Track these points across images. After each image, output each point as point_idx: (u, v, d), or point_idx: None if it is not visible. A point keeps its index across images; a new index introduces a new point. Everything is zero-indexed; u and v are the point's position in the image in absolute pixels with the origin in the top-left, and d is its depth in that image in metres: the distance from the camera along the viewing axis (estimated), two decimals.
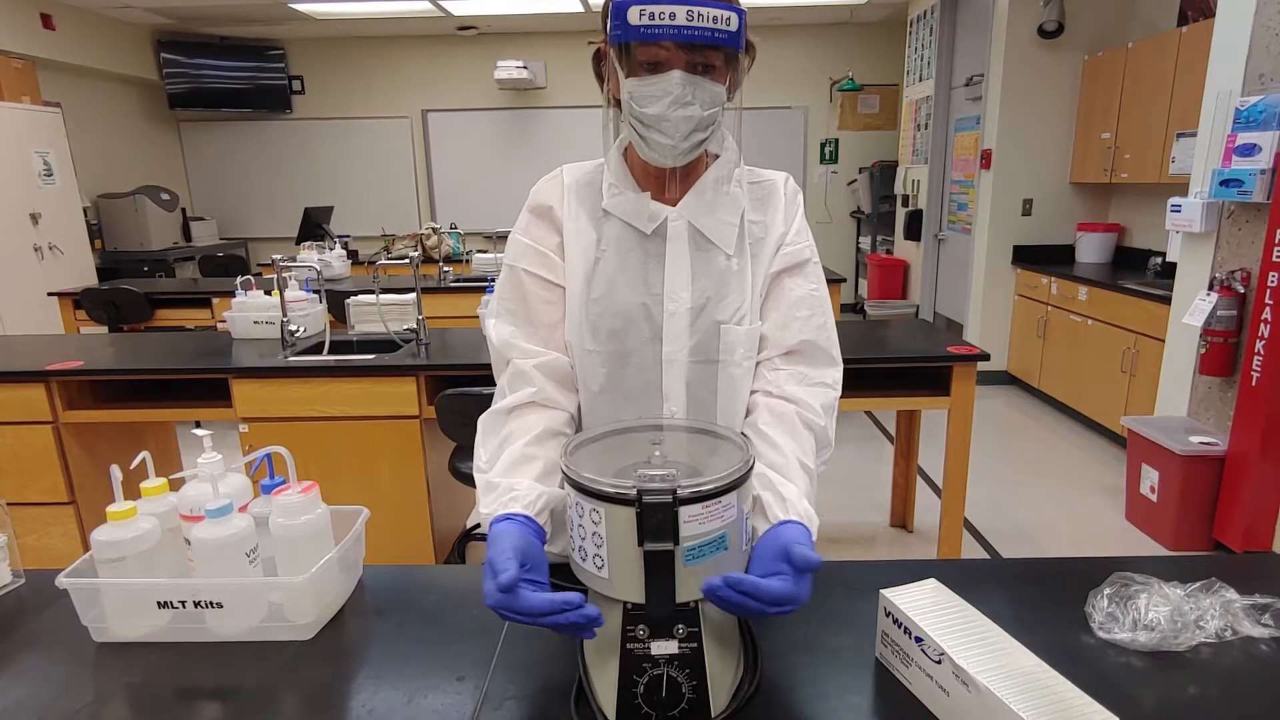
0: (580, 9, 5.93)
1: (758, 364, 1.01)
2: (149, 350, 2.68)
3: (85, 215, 5.55)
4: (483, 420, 0.98)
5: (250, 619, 0.92)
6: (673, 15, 0.82)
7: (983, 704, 0.69)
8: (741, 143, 1.02)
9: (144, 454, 0.97)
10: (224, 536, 0.90)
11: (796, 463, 0.91)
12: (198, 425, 3.54)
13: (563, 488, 0.90)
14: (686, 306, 0.97)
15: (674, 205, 0.99)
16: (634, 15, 0.83)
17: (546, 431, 0.95)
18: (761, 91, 6.75)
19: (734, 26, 0.84)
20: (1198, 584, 0.91)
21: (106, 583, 0.90)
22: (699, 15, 0.82)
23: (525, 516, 0.82)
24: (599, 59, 0.95)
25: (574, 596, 0.70)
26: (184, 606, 0.91)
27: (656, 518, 0.68)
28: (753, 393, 1.01)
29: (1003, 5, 4.58)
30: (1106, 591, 0.91)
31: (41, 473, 2.45)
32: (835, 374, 1.01)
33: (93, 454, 2.56)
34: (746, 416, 1.00)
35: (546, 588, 0.75)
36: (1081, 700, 0.68)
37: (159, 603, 0.91)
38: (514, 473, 0.89)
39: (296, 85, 7.14)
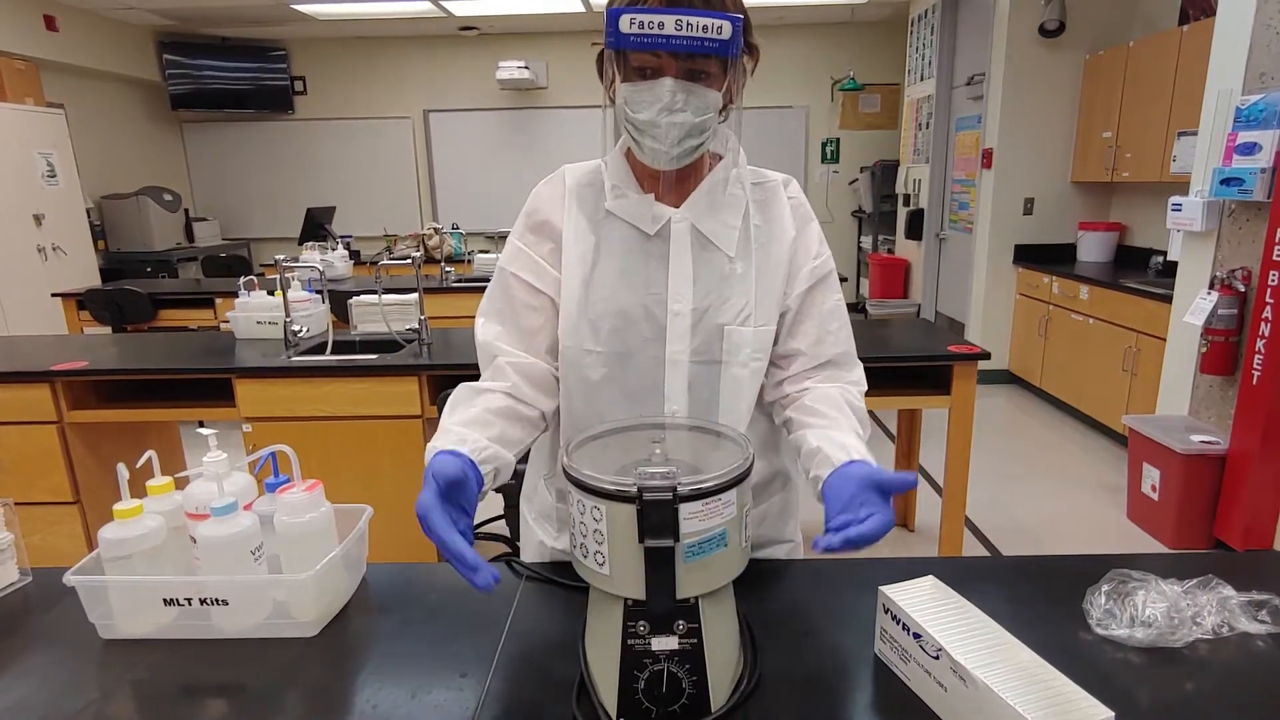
0: (582, 9, 5.94)
1: (789, 376, 1.04)
2: (153, 350, 2.70)
3: (88, 216, 5.58)
4: (455, 392, 1.00)
5: (255, 616, 0.93)
6: (661, 24, 0.83)
7: (980, 699, 0.70)
8: (741, 143, 1.02)
9: (150, 453, 0.98)
10: (229, 534, 0.91)
11: (851, 430, 0.94)
12: (200, 425, 3.54)
13: (516, 471, 0.95)
14: (689, 308, 0.98)
15: (676, 206, 1.00)
16: (624, 23, 0.84)
17: (511, 411, 0.97)
18: (762, 91, 6.75)
19: (726, 34, 0.84)
20: (1194, 581, 0.92)
21: (114, 580, 0.91)
22: (688, 24, 0.83)
23: (471, 461, 0.85)
24: (602, 60, 0.96)
25: (484, 568, 0.74)
26: (189, 604, 0.91)
27: (657, 515, 0.69)
28: (786, 397, 1.03)
29: (1004, 4, 4.59)
30: (1104, 588, 0.91)
31: (46, 472, 2.46)
32: (861, 371, 1.08)
33: (97, 454, 2.57)
34: (787, 409, 1.02)
35: (469, 530, 0.80)
36: (1078, 695, 0.69)
37: (165, 600, 0.92)
38: (470, 427, 0.91)
39: (298, 86, 7.16)
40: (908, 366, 2.57)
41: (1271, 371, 2.56)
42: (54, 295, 4.40)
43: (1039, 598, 0.97)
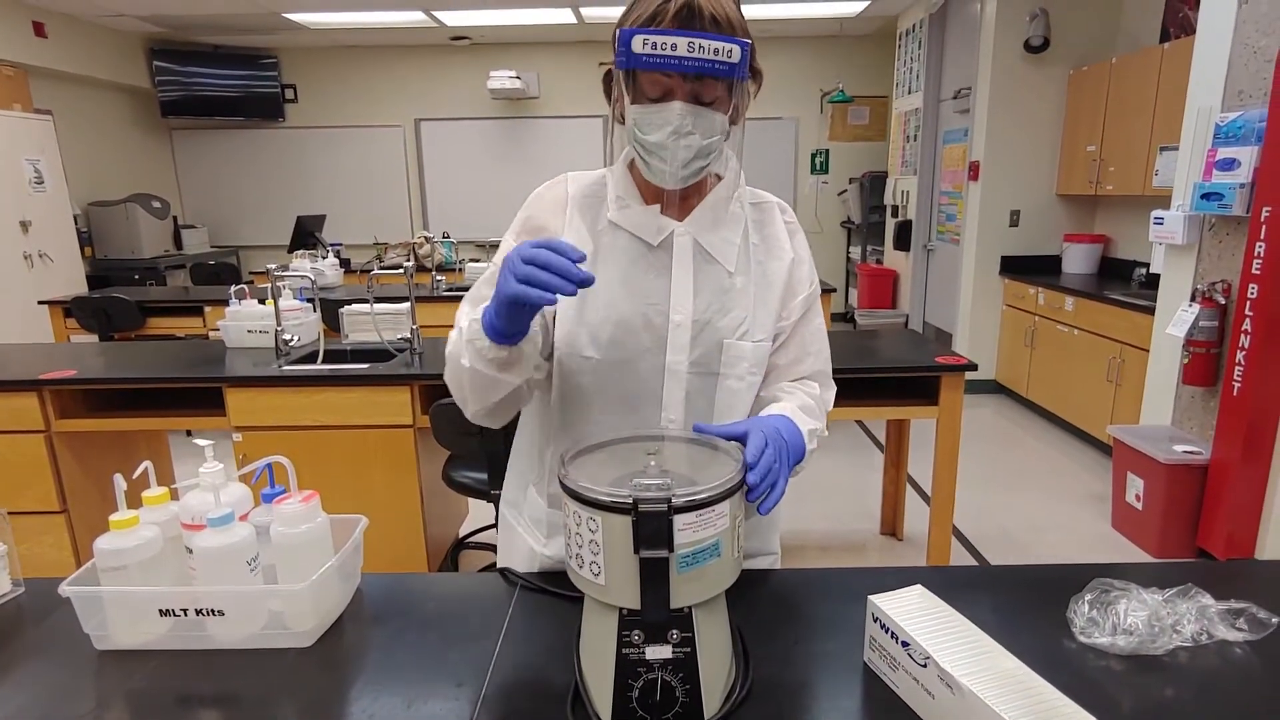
0: (573, 20, 5.98)
1: (764, 384, 1.08)
2: (142, 359, 2.69)
3: (76, 223, 5.54)
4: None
5: (251, 626, 0.93)
6: (674, 46, 0.85)
7: (966, 706, 0.72)
8: (743, 163, 1.06)
9: (146, 463, 0.99)
10: (225, 545, 0.91)
11: (796, 403, 1.00)
12: (189, 434, 3.53)
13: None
14: (690, 319, 1.00)
15: (679, 221, 1.02)
16: (637, 44, 0.86)
17: None
18: (753, 102, 6.78)
19: (735, 58, 0.86)
20: (1175, 589, 0.94)
21: (110, 591, 0.91)
22: (700, 47, 0.85)
23: None
24: (609, 79, 0.98)
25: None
26: (185, 614, 0.92)
27: (652, 526, 0.70)
28: (758, 399, 1.07)
29: (990, 20, 4.66)
30: (1087, 597, 0.93)
31: (33, 482, 2.45)
32: (832, 391, 1.12)
33: (84, 463, 2.55)
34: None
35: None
36: (1061, 702, 0.70)
37: (161, 610, 0.92)
38: None
39: (289, 94, 7.15)
40: (896, 377, 2.60)
41: (1251, 382, 2.60)
42: (40, 302, 4.37)
43: (1024, 606, 0.99)
